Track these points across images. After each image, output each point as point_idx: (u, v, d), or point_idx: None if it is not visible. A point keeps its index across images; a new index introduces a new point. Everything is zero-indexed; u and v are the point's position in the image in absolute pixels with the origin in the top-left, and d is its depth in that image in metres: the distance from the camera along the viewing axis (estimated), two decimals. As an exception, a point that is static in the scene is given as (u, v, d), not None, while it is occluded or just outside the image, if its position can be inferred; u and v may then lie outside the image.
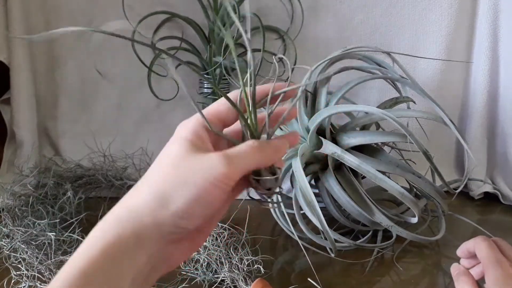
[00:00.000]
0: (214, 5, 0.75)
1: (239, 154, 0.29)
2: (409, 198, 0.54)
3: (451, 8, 0.76)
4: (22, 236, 0.54)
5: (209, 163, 0.27)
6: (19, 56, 0.74)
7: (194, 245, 0.31)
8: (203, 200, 0.27)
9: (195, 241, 0.31)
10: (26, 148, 0.76)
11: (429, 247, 0.61)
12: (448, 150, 0.83)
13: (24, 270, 0.49)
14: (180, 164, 0.28)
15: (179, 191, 0.27)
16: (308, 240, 0.58)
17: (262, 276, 0.49)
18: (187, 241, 0.30)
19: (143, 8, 0.76)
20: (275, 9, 0.78)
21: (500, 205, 0.75)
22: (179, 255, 0.30)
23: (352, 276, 0.54)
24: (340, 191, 0.57)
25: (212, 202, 0.28)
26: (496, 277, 0.38)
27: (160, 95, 0.79)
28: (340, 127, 0.62)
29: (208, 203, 0.28)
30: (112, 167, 0.74)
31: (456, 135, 0.55)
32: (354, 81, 0.59)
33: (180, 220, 0.27)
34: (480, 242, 0.42)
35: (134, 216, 0.27)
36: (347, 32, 0.79)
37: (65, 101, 0.81)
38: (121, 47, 0.78)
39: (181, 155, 0.28)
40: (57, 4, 0.76)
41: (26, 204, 0.60)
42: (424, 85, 0.60)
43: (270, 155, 0.30)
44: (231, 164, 0.27)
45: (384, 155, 0.59)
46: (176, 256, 0.29)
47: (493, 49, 0.75)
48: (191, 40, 0.79)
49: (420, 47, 0.78)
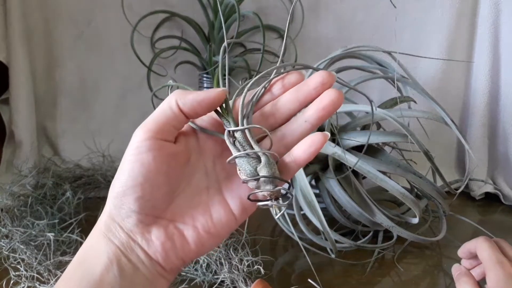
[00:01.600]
0: (214, 5, 0.74)
1: (153, 112, 0.29)
2: (410, 199, 0.54)
3: (452, 7, 0.76)
4: (21, 236, 0.54)
5: (131, 139, 0.29)
6: (18, 56, 0.74)
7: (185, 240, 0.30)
8: (128, 172, 0.28)
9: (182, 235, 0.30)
10: (25, 148, 0.76)
11: (430, 248, 0.61)
12: (449, 150, 0.83)
13: (23, 271, 0.49)
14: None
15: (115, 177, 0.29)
16: (308, 241, 0.57)
17: (262, 277, 0.49)
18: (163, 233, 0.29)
19: (143, 7, 0.76)
20: (275, 8, 0.78)
21: (501, 205, 0.75)
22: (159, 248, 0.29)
23: (352, 276, 0.54)
24: (341, 191, 0.56)
25: (140, 171, 0.28)
26: (497, 277, 0.38)
27: (159, 95, 0.78)
28: (340, 127, 0.62)
29: (135, 173, 0.28)
30: (111, 167, 0.73)
31: (457, 135, 0.55)
32: (354, 81, 0.59)
33: (117, 200, 0.28)
34: (481, 242, 0.42)
35: (100, 219, 0.30)
36: (348, 32, 0.78)
37: (64, 101, 0.81)
38: (121, 46, 0.77)
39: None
40: (56, 3, 0.76)
41: (25, 205, 0.60)
42: (425, 85, 0.60)
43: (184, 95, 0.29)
44: (141, 125, 0.29)
45: (385, 155, 0.59)
46: (154, 247, 0.29)
47: (494, 48, 0.75)
48: (190, 39, 0.79)
49: (421, 46, 0.78)
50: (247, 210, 0.31)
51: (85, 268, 0.28)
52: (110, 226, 0.29)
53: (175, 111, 0.29)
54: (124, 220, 0.29)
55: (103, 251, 0.28)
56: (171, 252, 0.29)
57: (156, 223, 0.29)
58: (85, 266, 0.28)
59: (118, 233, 0.29)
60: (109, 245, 0.28)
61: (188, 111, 0.29)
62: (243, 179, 0.29)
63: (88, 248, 0.29)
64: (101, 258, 0.28)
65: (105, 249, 0.28)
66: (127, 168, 0.28)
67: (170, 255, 0.29)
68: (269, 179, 0.28)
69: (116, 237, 0.29)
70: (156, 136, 0.28)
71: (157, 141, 0.28)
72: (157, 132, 0.28)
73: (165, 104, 0.29)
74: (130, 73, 0.80)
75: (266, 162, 0.29)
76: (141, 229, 0.29)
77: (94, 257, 0.28)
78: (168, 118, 0.29)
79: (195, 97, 0.28)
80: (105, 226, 0.29)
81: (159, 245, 0.29)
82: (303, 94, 0.30)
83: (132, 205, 0.28)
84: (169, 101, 0.29)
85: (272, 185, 0.28)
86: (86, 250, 0.29)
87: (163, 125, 0.28)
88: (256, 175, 0.29)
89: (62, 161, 0.78)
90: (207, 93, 0.29)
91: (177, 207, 0.30)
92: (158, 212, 0.29)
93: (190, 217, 0.30)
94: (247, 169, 0.29)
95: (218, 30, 0.75)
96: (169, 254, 0.29)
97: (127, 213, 0.28)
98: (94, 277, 0.27)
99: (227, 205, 0.30)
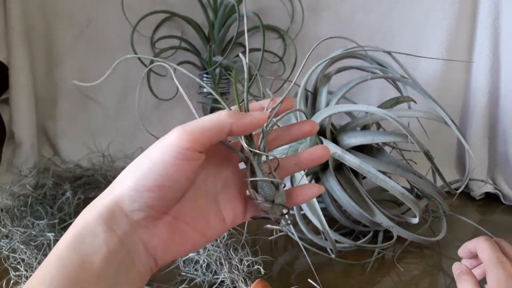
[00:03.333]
0: (213, 5, 0.74)
1: (197, 121, 0.29)
2: (410, 199, 0.54)
3: (452, 7, 0.75)
4: (21, 236, 0.54)
5: (167, 137, 0.28)
6: (19, 56, 0.74)
7: (184, 239, 0.30)
8: (160, 171, 0.27)
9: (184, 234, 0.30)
10: (25, 148, 0.76)
11: (430, 248, 0.61)
12: (449, 150, 0.83)
13: (23, 271, 0.49)
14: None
15: (135, 167, 0.29)
16: (308, 241, 0.57)
17: (262, 277, 0.49)
18: (167, 229, 0.30)
19: (143, 7, 0.76)
20: (275, 8, 0.78)
21: (501, 205, 0.75)
22: (159, 244, 0.29)
23: (352, 276, 0.54)
24: (341, 191, 0.56)
25: (172, 174, 0.28)
26: (497, 277, 0.38)
27: (159, 95, 0.78)
28: (340, 127, 0.62)
29: (167, 175, 0.28)
30: (111, 167, 0.73)
31: (457, 135, 0.55)
32: (354, 81, 0.59)
33: (136, 193, 0.28)
34: (481, 242, 0.42)
35: (99, 200, 0.29)
36: (348, 32, 0.78)
37: (64, 101, 0.81)
38: (121, 46, 0.77)
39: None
40: (56, 3, 0.76)
41: (25, 205, 0.60)
42: (425, 85, 0.60)
43: (240, 120, 0.29)
44: (186, 130, 0.28)
45: (385, 155, 0.59)
46: (155, 243, 0.29)
47: (494, 49, 0.75)
48: (190, 39, 0.79)
49: (421, 46, 0.78)
50: (236, 221, 0.33)
51: (82, 256, 0.26)
52: (115, 214, 0.28)
53: (225, 132, 0.29)
54: (133, 212, 0.28)
55: (103, 239, 0.27)
56: (169, 248, 0.30)
57: (162, 218, 0.30)
58: (81, 253, 0.26)
59: (122, 223, 0.28)
60: (110, 234, 0.27)
61: (235, 133, 0.30)
62: (259, 200, 0.31)
63: (84, 231, 0.27)
64: (101, 248, 0.27)
65: (105, 237, 0.27)
66: (160, 167, 0.28)
67: (167, 251, 0.30)
68: (278, 206, 0.32)
69: (120, 227, 0.28)
70: (198, 149, 0.28)
71: (197, 153, 0.28)
72: (201, 146, 0.28)
73: (215, 120, 0.29)
74: (130, 73, 0.80)
75: (282, 192, 0.32)
76: (147, 223, 0.29)
77: (92, 244, 0.27)
78: (216, 136, 0.29)
79: (249, 123, 0.30)
80: (108, 212, 0.28)
81: (161, 240, 0.29)
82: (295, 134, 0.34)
83: (150, 201, 0.28)
84: (222, 121, 0.29)
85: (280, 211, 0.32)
86: (82, 234, 0.27)
87: (208, 140, 0.28)
88: (272, 199, 0.31)
89: (62, 161, 0.78)
90: (256, 120, 0.30)
91: (182, 206, 0.30)
92: (166, 210, 0.30)
93: (192, 218, 0.31)
94: (267, 192, 0.31)
95: (218, 30, 0.75)
96: (167, 250, 0.30)
97: (141, 206, 0.28)
98: (92, 269, 0.26)
99: (221, 212, 0.33)
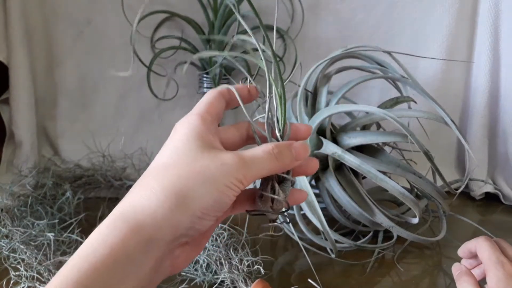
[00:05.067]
0: (213, 5, 0.74)
1: (255, 158, 0.27)
2: (410, 199, 0.54)
3: (452, 7, 0.75)
4: (21, 236, 0.54)
5: (227, 164, 0.26)
6: (18, 56, 0.74)
7: (198, 248, 0.30)
8: (220, 201, 0.26)
9: (199, 244, 0.30)
10: (25, 148, 0.76)
11: (430, 248, 0.61)
12: (449, 150, 0.83)
13: (23, 271, 0.49)
14: (196, 160, 0.26)
15: (198, 190, 0.26)
16: (308, 241, 0.57)
17: (262, 276, 0.49)
18: (193, 244, 0.29)
19: (143, 7, 0.76)
20: (275, 8, 0.78)
21: (501, 205, 0.75)
22: (184, 258, 0.29)
23: (352, 276, 0.54)
24: (341, 191, 0.56)
25: (226, 203, 0.27)
26: (497, 277, 0.38)
27: (159, 94, 0.78)
28: (340, 127, 0.62)
29: (223, 205, 0.27)
30: (111, 167, 0.73)
31: (457, 135, 0.55)
32: (354, 81, 0.59)
33: (198, 220, 0.26)
34: (481, 242, 0.42)
35: (145, 217, 0.25)
36: (348, 32, 0.78)
37: (64, 101, 0.81)
38: (121, 46, 0.77)
39: (195, 149, 0.27)
40: (56, 3, 0.76)
41: (25, 205, 0.60)
42: (425, 85, 0.60)
43: (288, 162, 0.29)
44: (247, 168, 0.27)
45: (384, 155, 0.59)
46: (181, 259, 0.29)
47: (494, 49, 0.75)
48: (190, 39, 0.79)
49: (421, 46, 0.78)
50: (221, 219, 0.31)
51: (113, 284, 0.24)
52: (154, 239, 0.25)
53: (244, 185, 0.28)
54: (180, 237, 0.27)
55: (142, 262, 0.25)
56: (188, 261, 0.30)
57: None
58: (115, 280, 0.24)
59: (160, 248, 0.26)
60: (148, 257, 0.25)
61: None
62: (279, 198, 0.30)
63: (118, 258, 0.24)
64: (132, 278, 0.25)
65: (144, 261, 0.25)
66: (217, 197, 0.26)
67: (186, 264, 0.29)
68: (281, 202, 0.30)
69: (157, 251, 0.26)
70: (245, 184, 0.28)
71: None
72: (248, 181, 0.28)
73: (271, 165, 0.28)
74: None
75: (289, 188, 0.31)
76: (177, 246, 0.27)
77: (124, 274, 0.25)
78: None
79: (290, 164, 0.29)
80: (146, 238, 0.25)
81: (187, 256, 0.29)
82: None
83: (200, 228, 0.27)
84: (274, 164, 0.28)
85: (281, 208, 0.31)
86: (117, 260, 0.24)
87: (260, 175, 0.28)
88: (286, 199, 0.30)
89: (62, 161, 0.78)
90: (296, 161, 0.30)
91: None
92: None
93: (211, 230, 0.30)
94: (287, 192, 0.30)
95: (218, 30, 0.75)
96: (186, 263, 0.29)
97: (191, 233, 0.27)
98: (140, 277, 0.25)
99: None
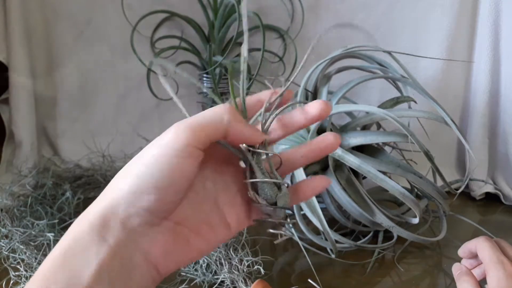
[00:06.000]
0: (213, 5, 0.74)
1: (195, 116, 0.28)
2: (410, 199, 0.54)
3: (452, 7, 0.75)
4: (21, 236, 0.54)
5: (165, 135, 0.27)
6: (18, 56, 0.74)
7: (187, 246, 0.29)
8: (158, 171, 0.26)
9: (187, 241, 0.29)
10: (25, 148, 0.76)
11: (430, 248, 0.61)
12: (449, 150, 0.83)
13: (23, 271, 0.49)
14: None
15: (130, 169, 0.27)
16: (308, 241, 0.57)
17: (262, 277, 0.49)
18: (168, 236, 0.28)
19: (143, 7, 0.76)
20: (276, 8, 0.78)
21: (501, 205, 0.75)
22: (161, 252, 0.28)
23: (352, 277, 0.54)
24: (341, 191, 0.56)
25: (171, 175, 0.26)
26: (498, 277, 0.38)
27: (159, 94, 0.78)
28: (340, 127, 0.62)
29: (166, 176, 0.26)
30: (111, 167, 0.73)
31: (457, 135, 0.54)
32: (354, 81, 0.59)
33: (133, 196, 0.26)
34: (482, 242, 0.42)
35: (89, 210, 0.27)
36: (348, 32, 0.78)
37: (64, 101, 0.81)
38: (121, 46, 0.77)
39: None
40: (56, 3, 0.76)
41: (25, 205, 0.60)
42: (425, 85, 0.60)
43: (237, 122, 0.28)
44: (185, 126, 0.27)
45: (385, 155, 0.59)
46: (156, 251, 0.27)
47: (494, 48, 0.75)
48: (190, 39, 0.79)
49: (421, 46, 0.78)
50: (241, 225, 0.31)
51: (69, 272, 0.24)
52: (108, 222, 0.26)
53: (223, 128, 0.28)
54: (129, 217, 0.26)
55: (94, 253, 0.25)
56: (172, 256, 0.28)
57: (161, 224, 0.28)
58: (68, 270, 0.25)
59: (116, 232, 0.26)
60: (102, 246, 0.25)
61: (231, 138, 0.28)
62: (261, 203, 0.29)
63: (72, 244, 0.25)
64: (90, 262, 0.25)
65: (96, 250, 0.25)
66: (159, 167, 0.26)
67: (170, 259, 0.28)
68: (281, 209, 0.29)
69: (114, 235, 0.26)
70: (199, 146, 0.27)
71: (198, 151, 0.27)
72: (202, 143, 0.27)
73: (218, 118, 0.28)
74: (130, 73, 0.80)
75: (285, 192, 0.29)
76: (146, 230, 0.27)
77: (81, 258, 0.25)
78: (216, 133, 0.28)
79: (246, 133, 0.28)
80: (100, 221, 0.26)
81: (162, 247, 0.28)
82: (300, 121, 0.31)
83: (148, 205, 0.26)
84: (223, 118, 0.28)
85: (283, 214, 0.29)
86: (70, 247, 0.25)
87: (209, 138, 0.27)
88: (275, 201, 0.29)
89: (62, 161, 0.78)
90: (255, 134, 0.29)
91: (182, 212, 0.29)
92: (166, 214, 0.28)
93: (194, 224, 0.29)
94: (268, 194, 0.29)
95: (218, 30, 0.75)
96: (169, 258, 0.28)
97: (138, 211, 0.26)
98: (81, 286, 0.24)
99: (225, 217, 0.31)
